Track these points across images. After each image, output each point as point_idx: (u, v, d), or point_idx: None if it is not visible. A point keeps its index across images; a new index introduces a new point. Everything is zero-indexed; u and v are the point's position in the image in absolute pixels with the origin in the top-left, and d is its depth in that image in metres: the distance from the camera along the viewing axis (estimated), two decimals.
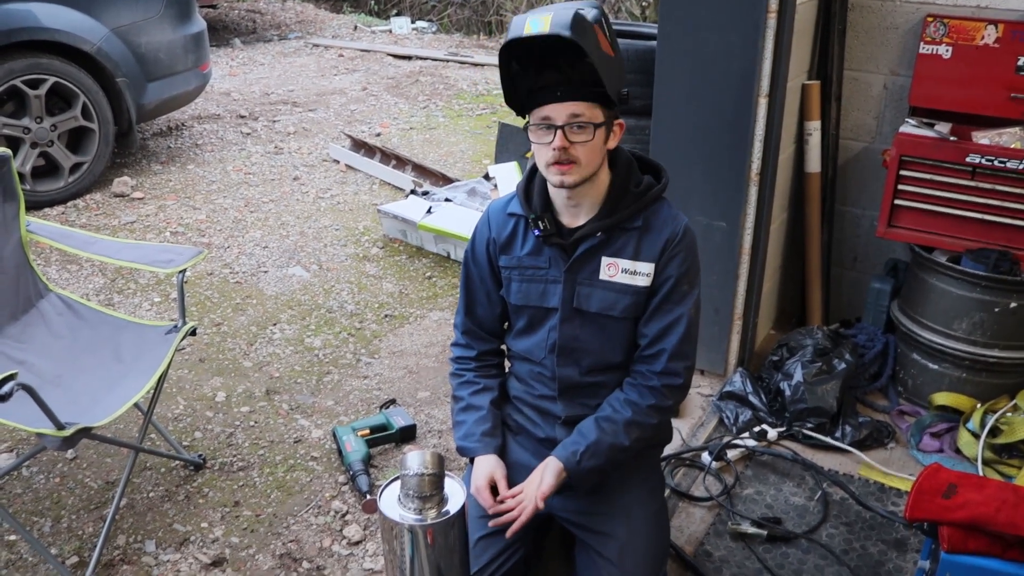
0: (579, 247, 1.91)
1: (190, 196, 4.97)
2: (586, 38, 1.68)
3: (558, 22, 1.67)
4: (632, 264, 1.90)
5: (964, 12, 2.96)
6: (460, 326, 2.14)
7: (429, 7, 10.35)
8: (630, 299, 1.91)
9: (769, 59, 2.75)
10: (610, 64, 1.75)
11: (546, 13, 1.71)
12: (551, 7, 1.74)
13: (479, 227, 2.06)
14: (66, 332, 2.70)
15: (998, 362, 2.86)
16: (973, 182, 2.84)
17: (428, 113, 6.81)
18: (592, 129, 1.78)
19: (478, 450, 1.99)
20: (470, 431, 2.01)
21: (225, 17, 10.10)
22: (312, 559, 2.45)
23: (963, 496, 1.90)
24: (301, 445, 2.93)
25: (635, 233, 1.90)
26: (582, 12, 1.69)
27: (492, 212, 2.04)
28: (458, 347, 2.15)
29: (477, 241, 2.05)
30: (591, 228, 1.89)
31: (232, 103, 6.79)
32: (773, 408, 2.98)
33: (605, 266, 1.91)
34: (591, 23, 1.70)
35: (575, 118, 1.76)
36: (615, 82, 1.78)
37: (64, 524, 2.55)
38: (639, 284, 1.90)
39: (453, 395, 2.11)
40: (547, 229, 1.90)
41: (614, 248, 1.91)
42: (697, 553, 2.43)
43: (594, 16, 1.72)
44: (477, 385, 2.08)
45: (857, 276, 3.51)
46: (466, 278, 2.09)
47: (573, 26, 1.66)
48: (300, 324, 3.69)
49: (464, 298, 2.11)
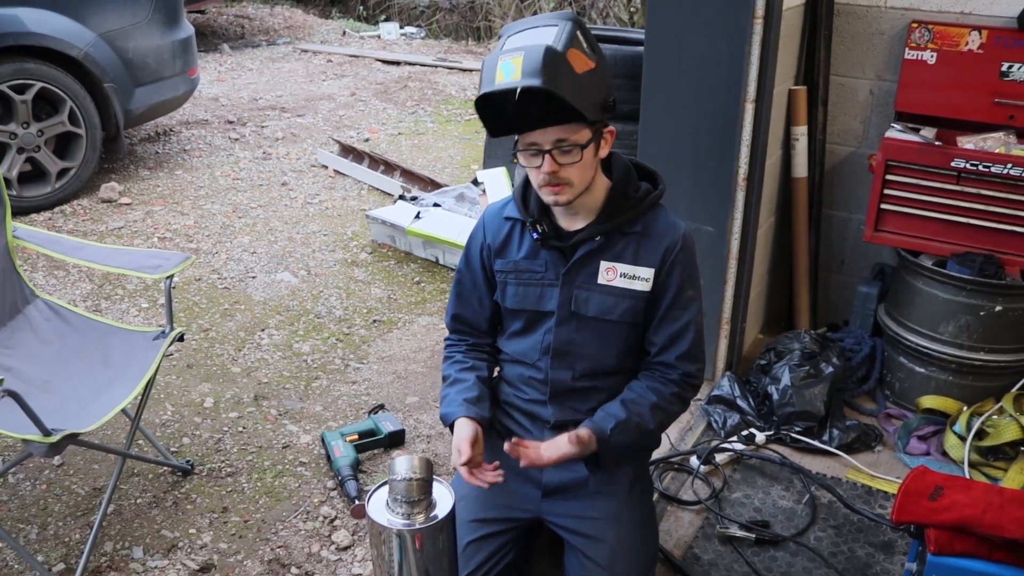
0: (578, 250, 1.91)
1: (178, 202, 4.95)
2: (559, 78, 1.67)
3: (529, 69, 1.66)
4: (632, 268, 1.91)
5: (948, 18, 2.99)
6: (450, 324, 2.16)
7: (418, 13, 10.35)
8: (628, 303, 1.92)
9: (756, 64, 2.77)
10: (590, 82, 1.74)
11: (516, 53, 1.70)
12: (520, 42, 1.73)
13: (474, 232, 2.06)
14: (53, 338, 2.69)
15: (984, 365, 2.88)
16: (958, 186, 2.86)
17: (416, 118, 6.81)
18: (579, 150, 1.78)
19: (459, 412, 1.95)
20: (453, 399, 1.99)
21: (213, 22, 10.08)
22: (300, 565, 2.45)
23: (950, 498, 1.91)
24: (289, 451, 2.93)
25: (634, 238, 1.91)
26: (552, 46, 1.68)
27: (487, 217, 2.05)
28: (450, 337, 2.16)
29: (471, 246, 2.06)
30: (590, 232, 1.90)
31: (220, 108, 6.77)
32: (761, 412, 2.99)
33: (604, 270, 1.92)
34: (562, 53, 1.68)
35: (560, 143, 1.76)
36: (598, 95, 1.78)
37: (51, 531, 2.54)
38: (638, 289, 1.91)
39: (442, 375, 2.11)
40: (545, 232, 1.91)
41: (613, 252, 1.91)
42: (686, 557, 2.43)
43: (567, 38, 1.70)
44: (466, 363, 2.07)
45: (844, 280, 3.52)
46: (458, 282, 2.10)
47: (544, 69, 1.65)
48: (288, 329, 3.69)
49: (455, 300, 2.11)
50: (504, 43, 1.78)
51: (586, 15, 9.06)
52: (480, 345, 2.13)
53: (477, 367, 2.07)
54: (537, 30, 1.75)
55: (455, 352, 2.12)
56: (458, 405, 1.96)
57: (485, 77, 1.75)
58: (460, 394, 1.99)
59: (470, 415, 1.94)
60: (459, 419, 1.94)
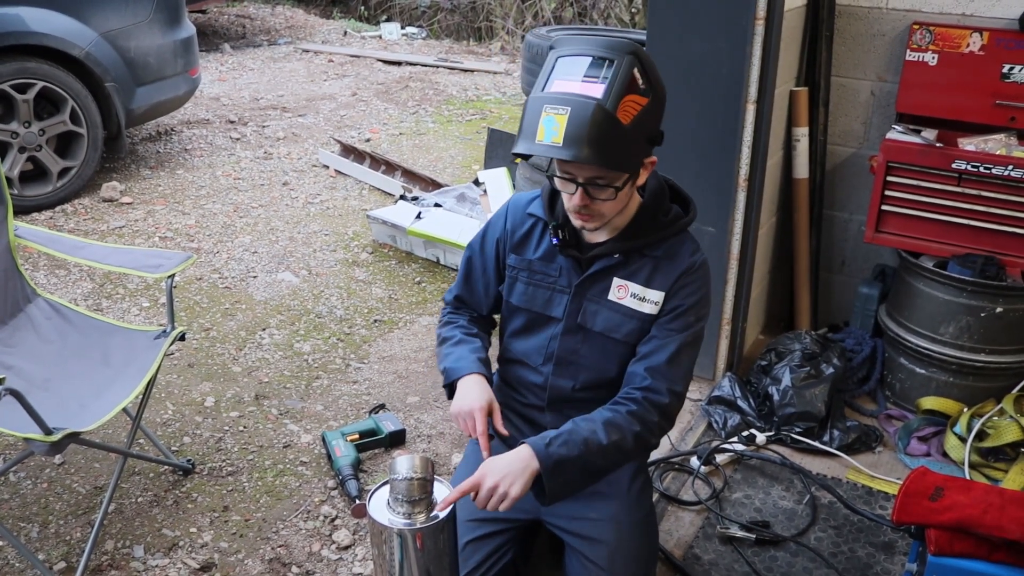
0: (595, 264, 1.88)
1: (179, 201, 4.95)
2: (604, 144, 1.60)
3: (573, 135, 1.59)
4: (643, 290, 1.86)
5: (949, 20, 2.99)
6: (451, 303, 2.11)
7: (419, 13, 10.36)
8: (635, 324, 1.88)
9: (757, 65, 2.77)
10: (639, 126, 1.66)
11: (562, 108, 1.61)
12: (569, 86, 1.63)
13: (494, 219, 2.01)
14: (54, 337, 2.69)
15: (984, 366, 2.88)
16: (959, 188, 2.86)
17: (418, 118, 6.82)
18: (614, 191, 1.72)
19: (471, 369, 1.86)
20: (462, 356, 1.91)
21: (215, 22, 10.08)
22: (301, 564, 2.45)
23: (950, 499, 1.92)
24: (290, 450, 2.93)
25: (652, 260, 1.87)
26: (602, 103, 1.59)
27: (512, 206, 2.00)
28: (448, 308, 2.12)
29: (489, 232, 2.01)
30: (610, 248, 1.86)
31: (222, 108, 6.78)
32: (762, 412, 2.99)
33: (616, 287, 1.88)
34: (612, 112, 1.60)
35: (596, 180, 1.71)
36: (646, 135, 1.70)
37: (52, 529, 2.54)
38: (645, 311, 1.87)
39: (442, 337, 2.02)
40: (566, 239, 1.88)
41: (628, 271, 1.87)
42: (686, 557, 2.43)
43: (622, 84, 1.62)
44: (471, 330, 2.02)
45: (845, 281, 3.53)
46: (468, 264, 2.05)
47: (589, 139, 1.59)
48: (289, 329, 3.69)
49: (462, 282, 2.07)
50: (551, 75, 1.69)
51: (587, 16, 9.07)
52: (480, 320, 2.09)
53: (481, 336, 2.03)
54: (591, 64, 1.66)
55: (458, 318, 2.06)
56: (470, 362, 1.89)
57: (526, 124, 1.68)
58: (472, 352, 1.93)
59: (482, 373, 1.88)
60: (471, 375, 1.87)
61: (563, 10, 9.25)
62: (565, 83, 1.66)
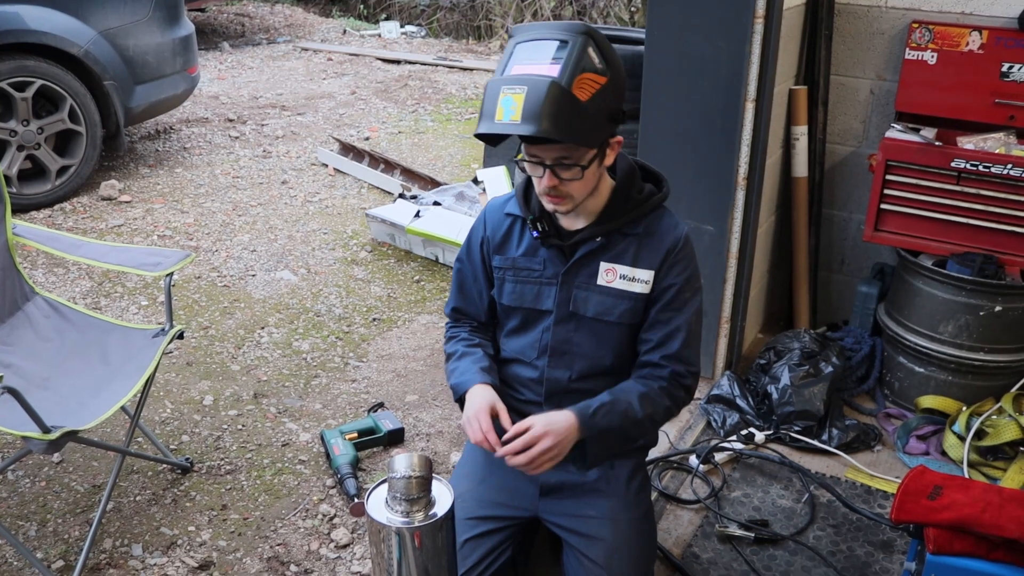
0: (578, 250, 1.90)
1: (178, 200, 4.95)
2: (562, 119, 1.64)
3: (530, 112, 1.63)
4: (631, 271, 1.89)
5: (949, 19, 2.99)
6: (451, 315, 2.15)
7: (418, 11, 10.35)
8: (627, 304, 1.91)
9: (756, 64, 2.77)
10: (598, 103, 1.70)
11: (519, 87, 1.65)
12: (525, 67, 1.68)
13: (475, 225, 2.05)
14: (53, 335, 2.69)
15: (983, 365, 2.88)
16: (958, 187, 2.86)
17: (417, 117, 6.81)
18: (580, 169, 1.75)
19: (475, 380, 1.91)
20: (466, 369, 1.96)
21: (214, 20, 10.08)
22: (300, 563, 2.45)
23: (948, 497, 1.92)
24: (289, 449, 2.93)
25: (635, 239, 1.90)
26: (557, 80, 1.63)
27: (489, 211, 2.04)
28: (451, 322, 2.15)
29: (472, 239, 2.05)
30: (591, 232, 1.89)
31: (220, 107, 6.77)
32: (760, 411, 2.99)
33: (603, 271, 1.90)
34: (568, 88, 1.64)
35: (562, 159, 1.74)
36: (606, 112, 1.73)
37: (50, 528, 2.54)
38: (636, 291, 1.90)
39: (447, 354, 2.08)
40: (545, 231, 1.90)
41: (613, 253, 1.90)
42: (685, 555, 2.43)
43: (575, 62, 1.66)
44: (472, 340, 2.06)
45: (844, 279, 3.53)
46: (459, 276, 2.09)
47: (545, 114, 1.62)
48: (288, 328, 3.69)
49: (456, 293, 2.10)
50: (509, 61, 1.73)
51: (587, 14, 9.07)
52: (482, 328, 2.12)
53: (484, 344, 2.06)
54: (546, 47, 1.69)
55: (459, 331, 2.10)
56: (473, 373, 1.93)
57: (486, 106, 1.71)
58: (474, 363, 1.97)
59: (486, 381, 1.92)
60: (475, 385, 1.91)
61: (562, 8, 9.25)
62: (522, 67, 1.71)
